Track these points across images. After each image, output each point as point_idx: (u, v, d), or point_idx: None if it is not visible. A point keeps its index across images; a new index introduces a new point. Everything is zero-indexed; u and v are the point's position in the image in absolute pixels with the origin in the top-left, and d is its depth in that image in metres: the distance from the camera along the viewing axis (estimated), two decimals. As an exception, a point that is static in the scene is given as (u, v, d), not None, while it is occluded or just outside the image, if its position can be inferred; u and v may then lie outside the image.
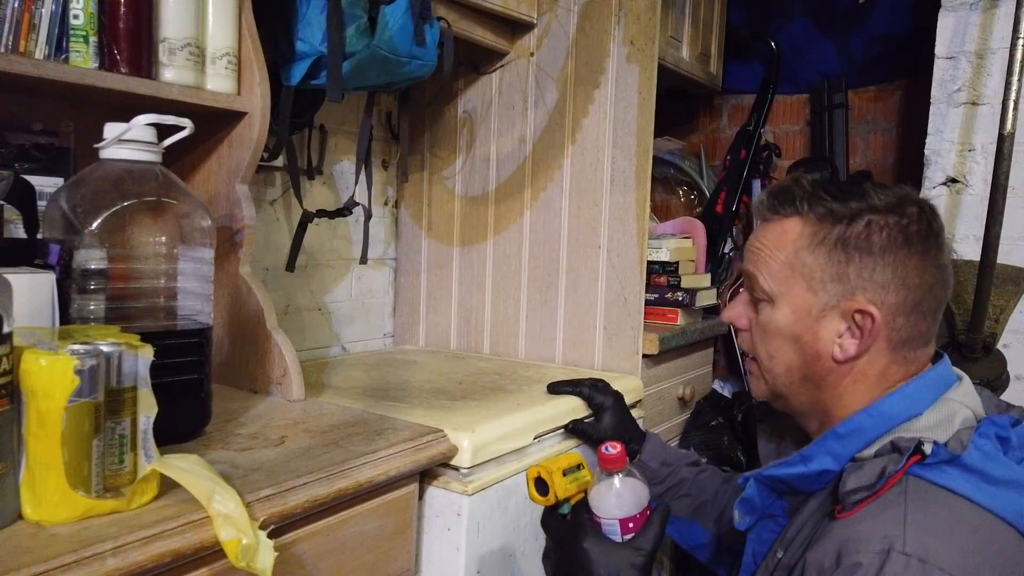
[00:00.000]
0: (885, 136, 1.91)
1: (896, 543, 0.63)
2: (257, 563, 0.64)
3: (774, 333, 0.79)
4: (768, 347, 0.81)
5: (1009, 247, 1.40)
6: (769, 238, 0.80)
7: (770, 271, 0.79)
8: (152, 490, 0.68)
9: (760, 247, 0.81)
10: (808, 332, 0.77)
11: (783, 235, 0.79)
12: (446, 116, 1.63)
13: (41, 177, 0.98)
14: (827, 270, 0.76)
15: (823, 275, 0.76)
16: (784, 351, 0.79)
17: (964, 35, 1.50)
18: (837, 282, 0.75)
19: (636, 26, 1.36)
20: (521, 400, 1.18)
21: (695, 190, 2.10)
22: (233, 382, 1.12)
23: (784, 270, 0.78)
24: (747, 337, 0.84)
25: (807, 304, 0.77)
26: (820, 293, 0.76)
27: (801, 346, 0.78)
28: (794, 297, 0.78)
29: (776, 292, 0.79)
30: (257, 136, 1.02)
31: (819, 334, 0.77)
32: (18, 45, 0.82)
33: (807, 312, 0.77)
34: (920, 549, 0.62)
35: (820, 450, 0.75)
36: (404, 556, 0.93)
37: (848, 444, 0.74)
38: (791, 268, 0.78)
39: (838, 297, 0.75)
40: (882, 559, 0.62)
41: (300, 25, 1.13)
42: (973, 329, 1.38)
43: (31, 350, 0.61)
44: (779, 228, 0.79)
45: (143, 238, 0.81)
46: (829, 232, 0.76)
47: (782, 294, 0.78)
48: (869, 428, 0.74)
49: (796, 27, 1.96)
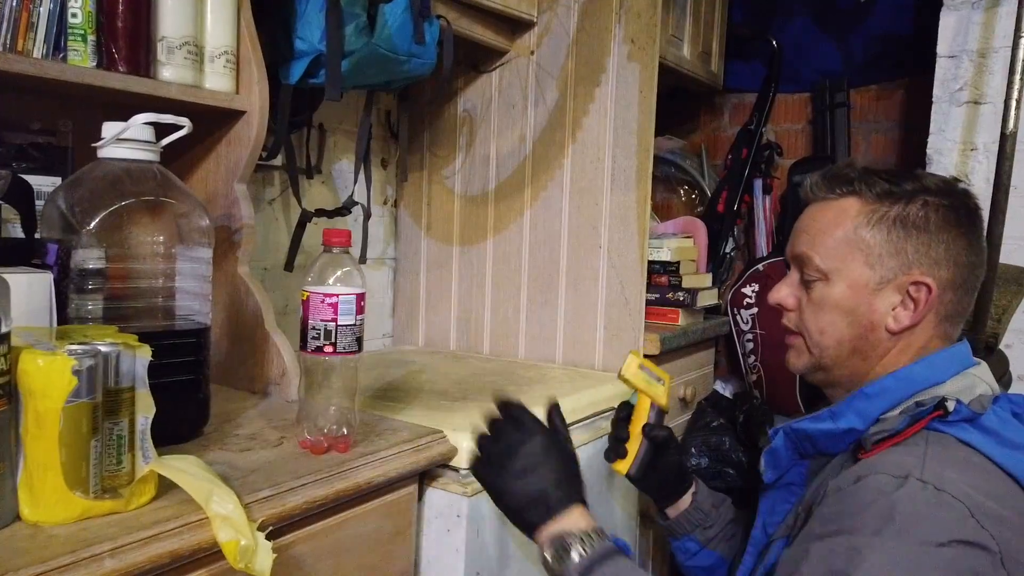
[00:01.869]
0: (887, 135, 1.90)
1: (914, 471, 0.67)
2: (255, 564, 0.64)
3: (829, 308, 0.83)
4: (820, 322, 0.84)
5: (1012, 247, 1.40)
6: (825, 217, 0.84)
7: (826, 249, 0.83)
8: (150, 491, 0.68)
9: (816, 226, 0.84)
10: (864, 305, 0.81)
11: (841, 213, 0.82)
12: (446, 115, 1.63)
13: (39, 176, 0.98)
14: (886, 246, 0.80)
15: (881, 250, 0.80)
16: (837, 325, 0.83)
17: (966, 34, 1.49)
18: (895, 257, 0.80)
19: (637, 24, 1.35)
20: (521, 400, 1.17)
21: (696, 189, 2.09)
22: (231, 382, 1.11)
23: (841, 246, 0.82)
24: (794, 316, 0.87)
25: (864, 278, 0.81)
26: (877, 268, 0.80)
27: (856, 318, 0.82)
28: (851, 272, 0.81)
29: (831, 269, 0.82)
30: (256, 135, 1.02)
31: (875, 306, 0.81)
32: (16, 44, 0.82)
33: (864, 286, 0.81)
34: (936, 479, 0.66)
35: (848, 408, 0.80)
36: (403, 558, 0.93)
37: (874, 403, 0.79)
38: (849, 244, 0.81)
39: (895, 271, 0.80)
40: (899, 483, 0.67)
41: (299, 23, 1.13)
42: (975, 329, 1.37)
43: (29, 350, 0.61)
44: (836, 207, 0.83)
45: (141, 238, 0.81)
46: (888, 210, 0.80)
47: (838, 270, 0.82)
48: (894, 389, 0.78)
49: (797, 26, 1.96)
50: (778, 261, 1.89)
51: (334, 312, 0.83)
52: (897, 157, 1.89)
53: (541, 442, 0.82)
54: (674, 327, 1.61)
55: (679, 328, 1.60)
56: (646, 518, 1.43)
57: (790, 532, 0.80)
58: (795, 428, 0.83)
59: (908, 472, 0.68)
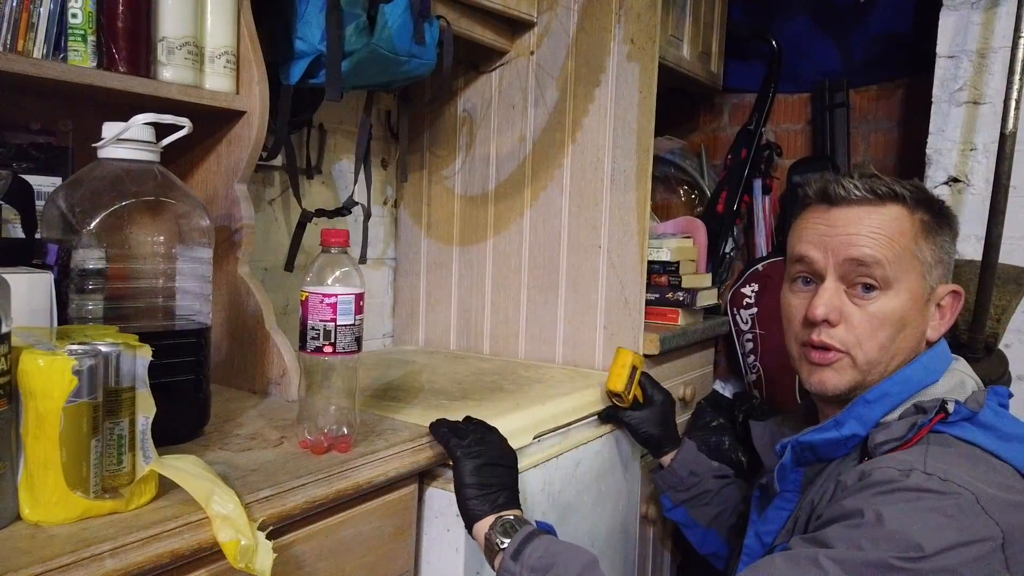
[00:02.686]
0: (886, 135, 1.90)
1: (917, 465, 0.69)
2: (256, 564, 0.64)
3: (887, 321, 0.79)
4: (879, 337, 0.79)
5: (1011, 247, 1.40)
6: (878, 223, 0.79)
7: (893, 257, 0.78)
8: (151, 491, 0.68)
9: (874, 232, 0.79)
10: (918, 316, 0.80)
11: (895, 221, 0.79)
12: (446, 115, 1.63)
13: (39, 176, 0.98)
14: (935, 255, 0.80)
15: (932, 260, 0.80)
16: (895, 339, 0.79)
17: (965, 34, 1.49)
18: (939, 266, 0.80)
19: (636, 25, 1.35)
20: (521, 400, 1.17)
21: (696, 189, 2.09)
22: (232, 382, 1.11)
23: (905, 256, 0.79)
24: (840, 332, 0.80)
25: (920, 289, 0.80)
26: (927, 279, 0.80)
27: (911, 331, 0.80)
28: (911, 283, 0.79)
29: (893, 278, 0.79)
30: (256, 135, 1.02)
31: (925, 317, 0.81)
32: (16, 44, 0.82)
33: (920, 297, 0.80)
34: (938, 471, 0.68)
35: (850, 416, 0.79)
36: (403, 557, 0.93)
37: (875, 409, 0.78)
38: (910, 254, 0.79)
39: (938, 281, 0.81)
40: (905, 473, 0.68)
41: (299, 24, 1.13)
42: (975, 329, 1.38)
43: (29, 350, 0.61)
44: (885, 213, 0.79)
45: (141, 238, 0.81)
46: (933, 220, 0.80)
47: (898, 280, 0.79)
48: (895, 393, 0.78)
49: (797, 26, 1.96)
50: (778, 261, 1.89)
51: (333, 312, 0.83)
52: (897, 157, 1.90)
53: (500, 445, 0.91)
54: (674, 327, 1.61)
55: (679, 328, 1.60)
56: (646, 519, 1.43)
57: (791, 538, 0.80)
58: (802, 441, 0.82)
59: (911, 467, 0.69)
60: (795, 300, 0.85)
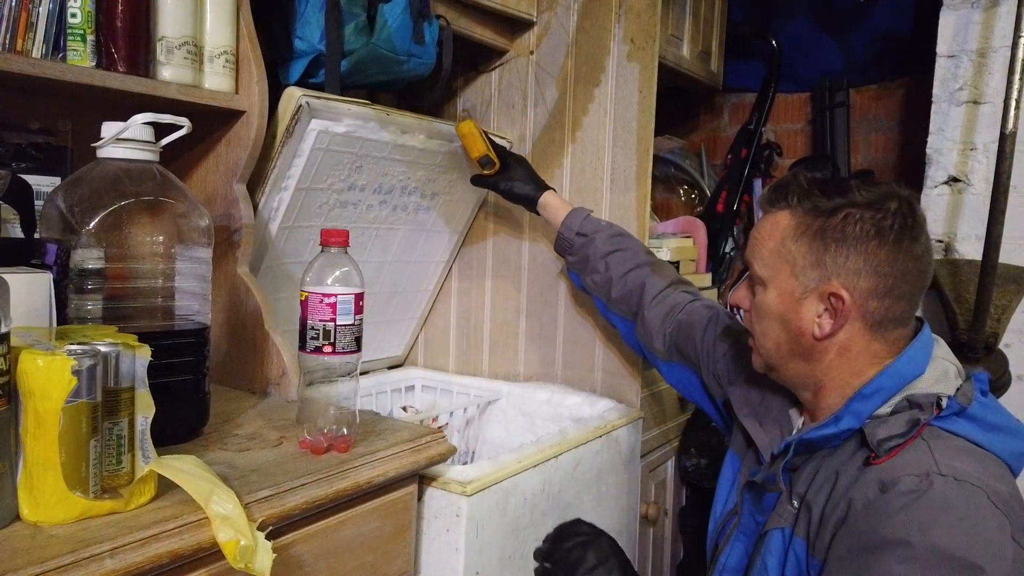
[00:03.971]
0: (886, 135, 1.90)
1: (931, 468, 0.74)
2: (255, 564, 0.64)
3: (765, 313, 0.89)
4: (761, 325, 0.90)
5: (1011, 246, 1.40)
6: (764, 229, 0.90)
7: (762, 258, 0.89)
8: (150, 491, 0.68)
9: (757, 237, 0.90)
10: (792, 312, 0.86)
11: (775, 226, 0.88)
12: (445, 115, 1.63)
13: (38, 176, 0.98)
14: (807, 257, 0.85)
15: (804, 262, 0.85)
16: (773, 329, 0.89)
17: (966, 33, 1.49)
18: (816, 268, 0.84)
19: (636, 24, 1.35)
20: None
21: (696, 189, 2.09)
22: (231, 382, 1.11)
23: (773, 257, 0.87)
24: (748, 317, 0.93)
25: (791, 287, 0.86)
26: (801, 278, 0.85)
27: (786, 324, 0.87)
28: (781, 281, 0.87)
29: (766, 277, 0.88)
30: (255, 135, 1.02)
31: (801, 314, 0.86)
32: (15, 44, 0.82)
33: (791, 294, 0.86)
34: (951, 470, 0.73)
35: (847, 412, 0.83)
36: (403, 557, 0.93)
37: (870, 403, 0.82)
38: (779, 255, 0.87)
39: (816, 281, 0.84)
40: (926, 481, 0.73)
41: (298, 23, 1.13)
42: (975, 329, 1.38)
43: (28, 350, 0.61)
44: (773, 219, 0.89)
45: (140, 238, 0.81)
46: (811, 224, 0.85)
47: (771, 278, 0.88)
48: (888, 387, 0.82)
49: (797, 25, 1.96)
50: (778, 261, 1.89)
51: (333, 312, 0.83)
52: (897, 157, 1.90)
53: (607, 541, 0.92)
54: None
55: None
56: (646, 519, 1.43)
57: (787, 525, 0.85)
58: (804, 439, 0.85)
59: (927, 470, 0.74)
60: None
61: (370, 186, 1.29)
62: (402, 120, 1.22)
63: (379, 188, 1.31)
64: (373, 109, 1.16)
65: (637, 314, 1.23)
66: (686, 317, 1.16)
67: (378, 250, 1.41)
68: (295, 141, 1.10)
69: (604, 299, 1.28)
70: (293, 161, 1.12)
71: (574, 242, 1.28)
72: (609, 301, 1.27)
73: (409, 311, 1.60)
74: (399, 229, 1.42)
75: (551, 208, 1.31)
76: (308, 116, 1.08)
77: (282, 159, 1.10)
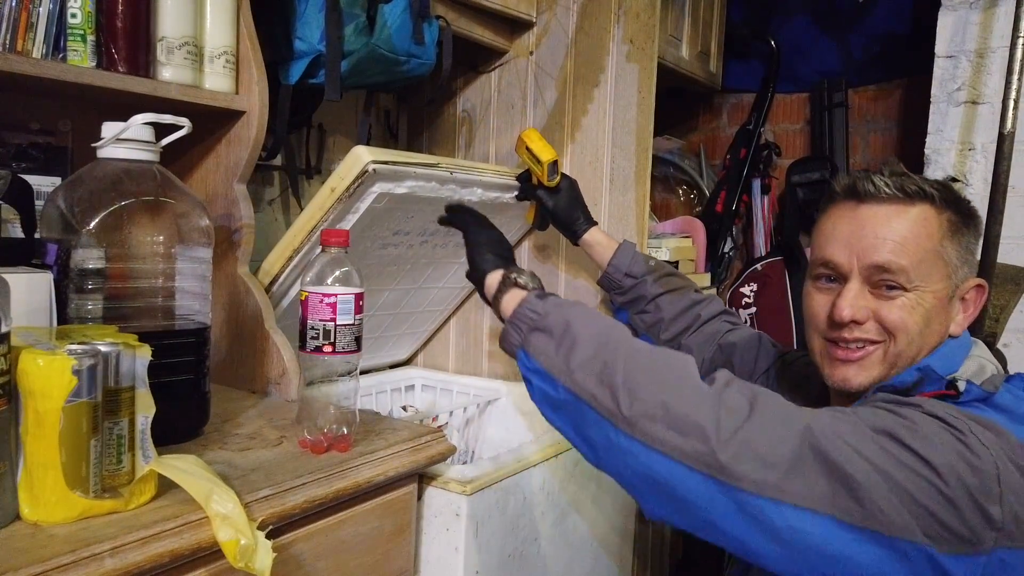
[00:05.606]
0: (885, 135, 1.91)
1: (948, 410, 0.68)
2: (255, 564, 0.64)
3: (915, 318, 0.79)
4: (904, 331, 0.80)
5: (1009, 246, 1.40)
6: (904, 225, 0.79)
7: (915, 260, 0.79)
8: (150, 490, 0.68)
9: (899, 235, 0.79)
10: (944, 314, 0.80)
11: (923, 222, 0.79)
12: (445, 115, 1.63)
13: (39, 176, 0.98)
14: (960, 257, 0.80)
15: (958, 261, 0.80)
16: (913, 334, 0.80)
17: (964, 34, 1.50)
18: (964, 266, 0.80)
19: (635, 25, 1.36)
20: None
21: (695, 189, 2.09)
22: (231, 382, 1.11)
23: (930, 258, 0.79)
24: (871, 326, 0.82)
25: (946, 289, 0.80)
26: (953, 278, 0.80)
27: (935, 328, 0.80)
28: (936, 284, 0.79)
29: (919, 280, 0.79)
30: (255, 135, 1.02)
31: (950, 314, 0.81)
32: (16, 44, 0.82)
33: (945, 296, 0.80)
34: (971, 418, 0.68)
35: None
36: (403, 556, 0.93)
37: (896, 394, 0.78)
38: (936, 256, 0.79)
39: (963, 278, 0.81)
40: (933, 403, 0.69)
41: (298, 24, 1.13)
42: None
43: (29, 350, 0.61)
44: (913, 214, 0.79)
45: (141, 238, 0.81)
46: (954, 217, 0.79)
47: (925, 282, 0.79)
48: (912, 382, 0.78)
49: (796, 26, 1.96)
50: (776, 261, 1.89)
51: (333, 312, 0.83)
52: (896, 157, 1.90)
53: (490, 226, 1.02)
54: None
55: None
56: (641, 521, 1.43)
57: None
58: None
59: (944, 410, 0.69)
60: (819, 297, 0.86)
61: (416, 230, 1.27)
62: (463, 177, 1.19)
63: (423, 231, 1.29)
64: (438, 170, 1.13)
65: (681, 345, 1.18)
66: (725, 341, 1.13)
67: (409, 280, 1.40)
68: (353, 200, 1.07)
69: (653, 339, 1.21)
70: (346, 217, 1.10)
71: (623, 283, 1.23)
72: (658, 341, 1.19)
73: (424, 325, 1.60)
74: (436, 263, 1.41)
75: (597, 247, 1.25)
76: (373, 180, 1.05)
77: (335, 215, 1.07)
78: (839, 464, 0.64)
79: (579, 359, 0.73)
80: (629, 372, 0.70)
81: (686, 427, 0.66)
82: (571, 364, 0.73)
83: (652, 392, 0.68)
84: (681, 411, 0.67)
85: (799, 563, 0.66)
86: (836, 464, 0.64)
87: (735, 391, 0.70)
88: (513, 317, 0.81)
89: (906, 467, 0.64)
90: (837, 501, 0.64)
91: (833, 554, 0.64)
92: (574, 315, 0.77)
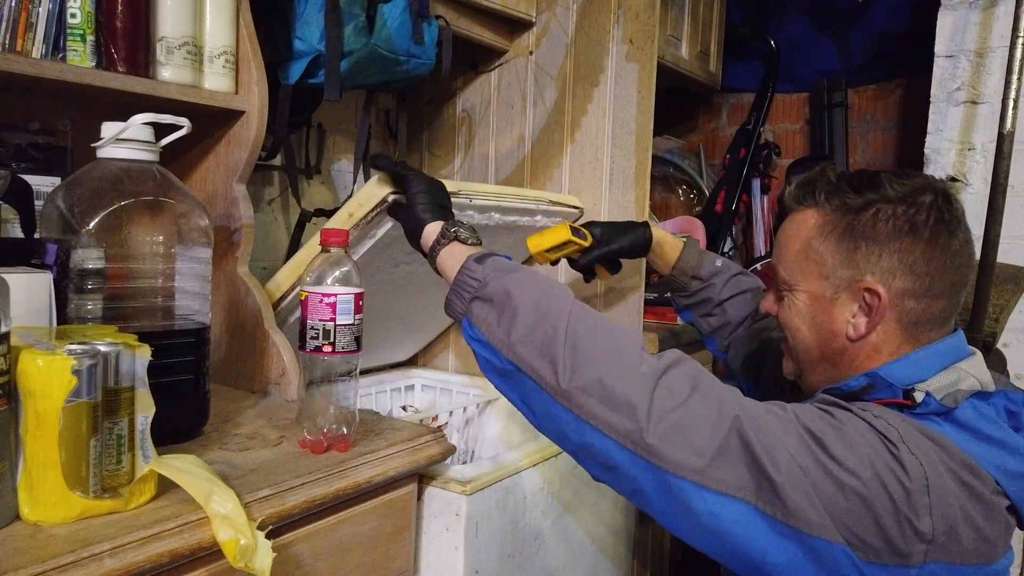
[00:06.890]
0: (885, 135, 1.91)
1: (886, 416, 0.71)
2: (255, 564, 0.64)
3: (795, 317, 0.85)
4: (791, 330, 0.86)
5: (1009, 246, 1.40)
6: (789, 229, 0.86)
7: (787, 261, 0.85)
8: (150, 490, 0.68)
9: (781, 239, 0.87)
10: (824, 314, 0.82)
11: (800, 226, 0.84)
12: (445, 115, 1.63)
13: (38, 176, 0.98)
14: (837, 257, 0.81)
15: (834, 262, 0.81)
16: (803, 333, 0.85)
17: (964, 34, 1.50)
18: (846, 268, 0.80)
19: (635, 24, 1.36)
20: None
21: (694, 189, 2.09)
22: (231, 382, 1.11)
23: (799, 258, 0.84)
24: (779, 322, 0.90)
25: (821, 289, 0.82)
26: (831, 279, 0.82)
27: (818, 327, 0.83)
28: (809, 284, 0.83)
29: (792, 281, 0.85)
30: (255, 135, 1.02)
31: (834, 316, 0.82)
32: (15, 44, 0.82)
33: (822, 296, 0.82)
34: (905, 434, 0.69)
35: None
36: (403, 556, 0.93)
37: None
38: (805, 256, 0.83)
39: (848, 281, 0.80)
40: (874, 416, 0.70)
41: (298, 24, 1.13)
42: (973, 328, 1.38)
43: (28, 350, 0.61)
44: (799, 219, 0.85)
45: (141, 238, 0.81)
46: (839, 222, 0.81)
47: (798, 282, 0.84)
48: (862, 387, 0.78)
49: (796, 25, 1.96)
50: (776, 261, 1.89)
51: (332, 312, 0.83)
52: (895, 157, 1.90)
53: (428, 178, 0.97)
54: (672, 327, 1.61)
55: (677, 327, 1.60)
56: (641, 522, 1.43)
57: None
58: None
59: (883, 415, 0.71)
60: None
61: (430, 253, 1.24)
62: (482, 203, 1.17)
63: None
64: (457, 199, 1.10)
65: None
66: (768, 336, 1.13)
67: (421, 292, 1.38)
68: (371, 228, 1.06)
69: (717, 341, 1.20)
70: (363, 241, 1.09)
71: (689, 286, 1.19)
72: (722, 345, 1.20)
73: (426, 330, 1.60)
74: (444, 280, 1.38)
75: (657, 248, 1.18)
76: None
77: (352, 239, 1.05)
78: (759, 456, 0.65)
79: (520, 331, 0.74)
80: (569, 344, 0.71)
81: (618, 404, 0.68)
82: (512, 336, 0.74)
83: (589, 367, 0.70)
84: (616, 388, 0.68)
85: (717, 546, 0.68)
86: (756, 456, 0.65)
87: (680, 373, 0.71)
88: (455, 284, 0.81)
89: (824, 469, 0.65)
90: (761, 494, 0.65)
91: (753, 544, 0.66)
92: (514, 283, 0.77)
